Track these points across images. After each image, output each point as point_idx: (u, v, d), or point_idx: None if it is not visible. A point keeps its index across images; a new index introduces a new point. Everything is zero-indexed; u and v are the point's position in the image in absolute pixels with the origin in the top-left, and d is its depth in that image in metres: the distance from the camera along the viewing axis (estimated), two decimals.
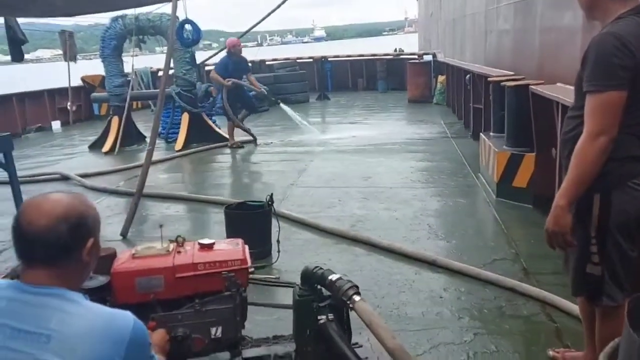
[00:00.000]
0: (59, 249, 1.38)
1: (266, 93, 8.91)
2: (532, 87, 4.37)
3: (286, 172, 7.11)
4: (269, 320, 3.01)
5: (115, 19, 8.66)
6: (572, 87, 3.87)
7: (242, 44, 8.75)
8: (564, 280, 3.33)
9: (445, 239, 4.22)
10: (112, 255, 2.33)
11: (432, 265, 3.69)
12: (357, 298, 2.12)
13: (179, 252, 2.26)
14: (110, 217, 5.23)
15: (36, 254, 1.38)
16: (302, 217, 4.76)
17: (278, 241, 3.82)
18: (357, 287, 2.18)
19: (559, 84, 4.30)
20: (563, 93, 3.84)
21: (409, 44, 26.89)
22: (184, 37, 6.77)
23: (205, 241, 2.32)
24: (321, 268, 2.31)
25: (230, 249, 2.33)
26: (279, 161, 7.90)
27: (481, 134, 6.10)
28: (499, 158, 4.98)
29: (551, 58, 4.97)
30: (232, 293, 2.21)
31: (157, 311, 2.16)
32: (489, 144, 5.42)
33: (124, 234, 4.59)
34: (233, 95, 8.45)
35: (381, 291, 3.35)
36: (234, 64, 8.44)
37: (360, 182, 6.08)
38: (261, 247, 3.88)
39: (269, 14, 11.77)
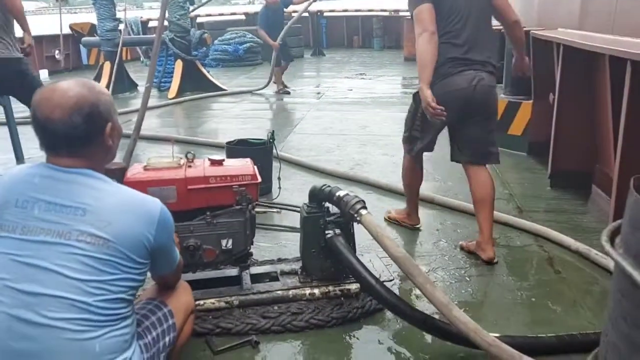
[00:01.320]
0: (80, 138, 1.43)
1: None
2: (533, 31, 4.38)
3: (283, 121, 7.12)
4: (273, 247, 3.10)
5: None
6: (574, 31, 3.90)
7: (233, 1, 8.59)
8: (557, 217, 3.49)
9: (442, 181, 4.30)
10: (124, 169, 2.38)
11: (430, 203, 3.78)
12: (364, 212, 2.20)
13: (189, 166, 2.30)
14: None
15: (59, 144, 1.43)
16: (302, 159, 4.81)
17: (279, 178, 3.88)
18: (363, 201, 2.25)
19: (559, 29, 4.31)
20: (563, 35, 3.87)
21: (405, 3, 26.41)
22: None
23: (216, 157, 2.37)
24: (329, 186, 2.38)
25: (240, 164, 2.38)
26: (276, 110, 7.90)
27: None
28: None
29: (550, 10, 4.97)
30: (242, 207, 2.27)
31: None
32: None
33: None
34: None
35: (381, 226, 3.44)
36: (273, 14, 8.37)
37: (357, 130, 6.11)
38: (262, 184, 3.92)
39: None
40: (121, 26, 9.49)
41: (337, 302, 2.35)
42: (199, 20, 15.86)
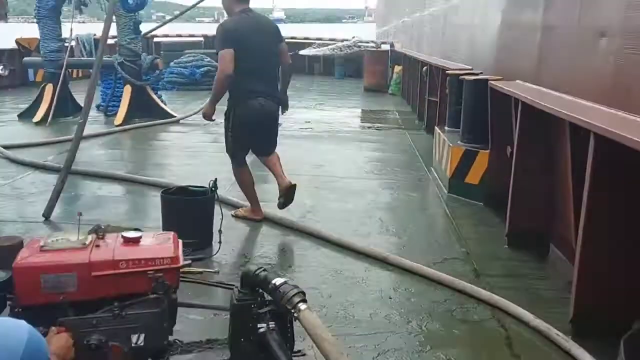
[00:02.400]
0: None
1: None
2: (492, 82, 4.26)
3: None
4: (203, 321, 2.73)
5: None
6: (533, 85, 3.78)
7: (197, 19, 8.43)
8: (515, 284, 3.29)
9: (397, 235, 4.06)
10: (18, 246, 1.99)
11: (383, 262, 3.52)
12: (302, 306, 1.89)
13: (97, 245, 1.94)
14: (34, 194, 4.75)
15: None
16: (248, 204, 4.47)
17: (220, 231, 3.52)
18: (303, 293, 1.94)
19: (518, 81, 4.20)
20: (523, 90, 3.74)
21: (367, 32, 26.78)
22: (127, 1, 6.22)
23: (130, 234, 2.01)
24: (264, 270, 2.06)
25: (158, 244, 2.03)
26: None
27: (436, 127, 6.00)
28: (453, 153, 4.87)
29: (508, 55, 4.90)
30: (158, 296, 1.92)
31: (67, 314, 1.84)
32: (443, 137, 5.31)
33: (46, 215, 4.12)
34: None
35: (328, 289, 3.14)
36: None
37: (312, 169, 5.84)
38: (201, 237, 3.56)
39: None
40: (72, 42, 8.99)
41: None
42: (155, 40, 15.42)
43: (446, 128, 5.60)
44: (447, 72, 5.89)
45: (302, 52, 13.37)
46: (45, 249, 1.88)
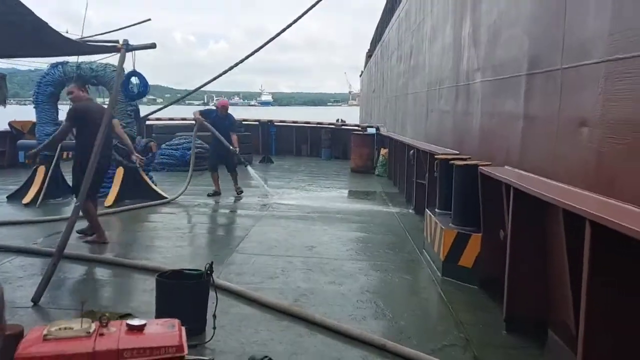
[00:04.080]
0: None
1: (237, 153, 9.34)
2: (482, 168, 4.42)
3: (226, 237, 6.79)
4: None
5: (55, 65, 8.23)
6: (522, 171, 3.93)
7: (187, 102, 9.09)
8: None
9: (393, 320, 4.00)
10: (19, 335, 1.94)
11: (381, 349, 3.44)
12: None
13: (101, 334, 1.91)
14: (22, 278, 4.63)
15: None
16: (243, 289, 4.42)
17: (214, 316, 3.46)
18: None
19: (507, 167, 4.38)
20: (513, 176, 3.88)
21: (351, 115, 27.83)
22: (129, 89, 6.48)
23: (135, 322, 1.99)
24: (267, 357, 2.02)
25: (164, 332, 2.00)
26: (219, 224, 7.56)
27: (426, 209, 6.10)
28: (446, 236, 4.93)
29: (493, 141, 5.12)
30: None
31: None
32: (435, 220, 5.39)
33: (35, 300, 4.01)
34: (217, 150, 9.29)
35: None
36: (219, 119, 9.23)
37: (304, 251, 5.83)
38: (195, 323, 3.49)
39: (218, 76, 11.70)
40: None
41: None
42: (148, 123, 15.78)
43: (437, 210, 5.71)
44: (435, 156, 6.10)
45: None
46: (48, 338, 1.84)
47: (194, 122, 16.28)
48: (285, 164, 14.96)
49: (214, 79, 11.68)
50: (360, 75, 30.36)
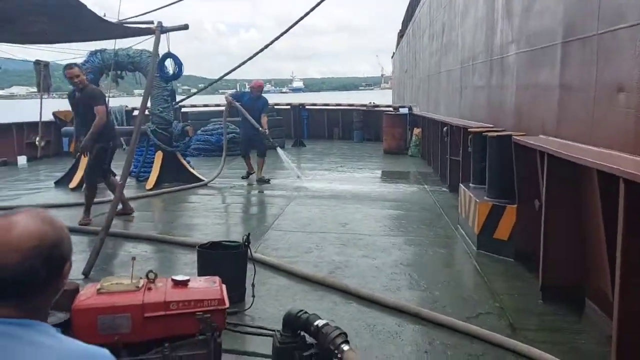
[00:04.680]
0: (34, 286, 1.16)
1: (267, 134, 9.05)
2: (516, 137, 4.38)
3: (261, 215, 6.93)
4: None
5: (94, 53, 8.52)
6: (556, 139, 3.88)
7: (221, 91, 9.07)
8: (553, 338, 3.24)
9: (428, 290, 4.05)
10: (75, 291, 2.09)
11: (415, 317, 3.50)
12: (345, 347, 1.93)
13: (149, 288, 2.04)
14: (73, 254, 4.88)
15: (7, 294, 1.15)
16: (279, 261, 4.55)
17: (253, 285, 3.60)
18: (345, 334, 1.99)
19: (541, 136, 4.32)
20: (547, 143, 3.84)
21: (384, 99, 27.58)
22: (164, 71, 6.66)
23: (180, 277, 2.11)
24: (306, 312, 2.12)
25: (206, 287, 2.12)
26: (254, 203, 7.72)
27: (461, 184, 6.08)
28: (480, 209, 4.92)
29: (528, 112, 5.05)
30: (206, 337, 1.98)
31: (121, 356, 1.91)
32: (469, 194, 5.38)
33: (86, 273, 4.26)
34: (247, 135, 9.04)
35: (363, 343, 3.14)
36: (251, 101, 8.95)
37: (337, 227, 5.92)
38: (235, 291, 3.63)
39: (240, 65, 11.87)
40: None
41: None
42: (183, 110, 16.11)
43: (471, 185, 5.68)
44: (469, 129, 6.05)
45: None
46: (101, 292, 1.98)
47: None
48: (318, 147, 15.03)
49: (238, 67, 11.75)
50: (392, 57, 29.97)
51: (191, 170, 9.08)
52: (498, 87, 6.26)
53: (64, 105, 14.24)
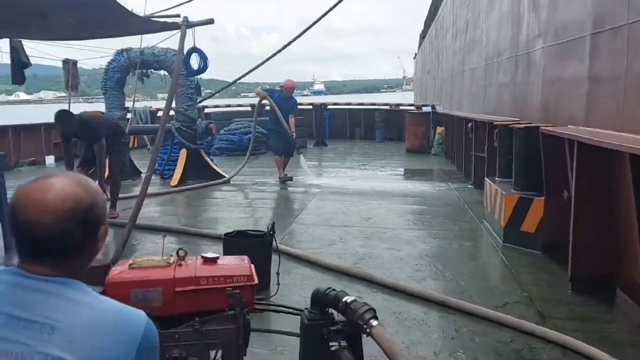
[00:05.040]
0: (72, 248, 1.19)
1: (293, 137, 8.84)
2: (543, 127, 4.31)
3: (284, 210, 6.96)
4: (269, 355, 2.78)
5: (120, 52, 8.69)
6: (585, 128, 3.80)
7: (242, 94, 8.99)
8: (583, 327, 3.17)
9: (453, 280, 4.01)
10: (107, 267, 2.14)
11: (441, 305, 3.47)
12: (374, 322, 1.93)
13: (180, 264, 2.07)
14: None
15: (42, 253, 1.18)
16: (303, 252, 4.56)
17: (278, 273, 3.60)
18: (374, 310, 1.98)
19: (570, 126, 4.25)
20: (576, 131, 3.77)
21: (405, 100, 27.40)
22: (190, 65, 6.75)
23: (209, 255, 2.14)
24: (334, 290, 2.12)
25: (235, 264, 2.15)
26: (277, 199, 7.76)
27: (486, 178, 6.01)
28: (507, 201, 4.85)
29: (555, 107, 4.97)
30: (235, 312, 2.00)
31: None
32: (495, 187, 5.31)
33: (114, 261, 4.31)
34: (280, 133, 8.67)
35: (389, 329, 3.10)
36: (282, 100, 8.64)
37: (360, 222, 5.91)
38: (260, 279, 3.64)
39: (262, 63, 11.99)
40: (129, 115, 9.69)
41: None
42: (206, 110, 16.31)
43: (497, 179, 5.62)
44: (495, 123, 5.98)
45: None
46: (134, 267, 2.02)
47: (249, 108, 16.86)
48: (339, 146, 15.03)
49: (255, 68, 11.82)
50: (414, 58, 29.82)
51: (214, 167, 9.17)
52: (523, 82, 6.18)
53: (90, 108, 14.58)
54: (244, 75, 13.02)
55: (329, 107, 17.22)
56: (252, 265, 2.18)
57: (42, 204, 1.16)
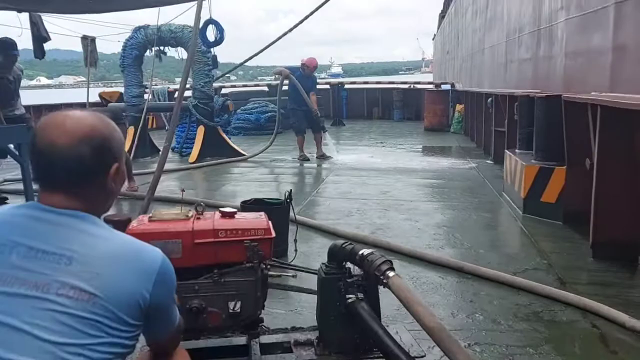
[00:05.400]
0: (81, 173, 1.22)
1: (318, 115, 8.76)
2: (566, 95, 4.22)
3: (302, 185, 6.98)
4: (287, 314, 2.81)
5: (137, 29, 8.72)
6: (609, 93, 3.70)
7: (259, 77, 8.89)
8: (603, 291, 3.13)
9: (472, 248, 3.99)
10: (128, 221, 2.17)
11: (459, 271, 3.46)
12: (391, 273, 1.92)
13: (198, 218, 2.08)
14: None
15: (57, 177, 1.22)
16: (320, 223, 4.58)
17: (295, 240, 3.61)
18: (390, 262, 1.98)
19: (593, 93, 4.14)
20: (600, 96, 3.68)
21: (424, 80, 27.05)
22: (206, 37, 6.73)
23: (227, 209, 2.15)
24: (351, 243, 2.12)
25: (253, 218, 2.16)
26: (295, 174, 7.77)
27: (506, 151, 5.93)
28: (527, 172, 4.78)
29: (578, 79, 4.83)
30: (253, 265, 2.02)
31: None
32: (515, 159, 5.23)
33: None
34: (302, 111, 8.62)
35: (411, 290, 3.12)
36: (301, 76, 8.57)
37: (378, 195, 5.89)
38: (277, 247, 3.67)
39: (274, 41, 11.92)
40: (146, 95, 9.74)
41: None
42: (223, 91, 16.34)
43: (517, 151, 5.53)
44: (515, 94, 5.87)
45: None
46: (153, 220, 2.04)
47: (266, 88, 16.83)
48: (357, 126, 14.95)
49: (265, 48, 11.69)
50: (433, 39, 29.32)
51: (232, 145, 9.22)
52: (546, 57, 6.02)
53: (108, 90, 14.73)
54: (257, 54, 12.88)
55: (346, 86, 17.09)
56: (270, 221, 2.18)
57: (61, 126, 1.21)
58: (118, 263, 1.19)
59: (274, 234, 2.09)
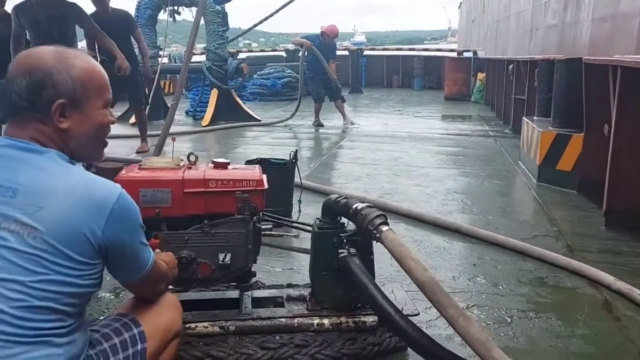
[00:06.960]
0: (20, 105, 1.22)
1: (337, 84, 8.59)
2: (587, 57, 4.02)
3: (314, 149, 6.91)
4: (285, 272, 2.79)
5: None
6: (633, 56, 3.52)
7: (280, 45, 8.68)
8: (613, 259, 3.03)
9: (481, 214, 3.90)
10: (119, 169, 2.14)
11: (465, 235, 3.38)
12: (384, 227, 1.86)
13: (190, 167, 2.04)
14: None
15: (6, 108, 1.24)
16: (326, 187, 4.51)
17: (300, 201, 3.58)
18: (385, 216, 1.92)
19: (616, 56, 3.94)
20: (621, 57, 3.49)
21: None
22: None
23: (220, 160, 2.10)
24: (345, 197, 2.06)
25: (245, 169, 2.12)
26: (308, 139, 7.70)
27: (524, 117, 5.75)
28: (543, 138, 4.63)
29: (605, 45, 4.60)
30: (244, 217, 1.97)
31: (161, 229, 1.94)
32: (532, 125, 5.07)
33: None
34: (320, 78, 8.43)
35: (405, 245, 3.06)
36: (321, 44, 8.35)
37: (390, 160, 5.80)
38: (281, 207, 3.64)
39: (270, 16, 11.76)
40: (164, 59, 9.67)
41: (350, 336, 1.98)
42: (240, 56, 16.17)
43: (535, 118, 5.36)
44: (536, 59, 5.65)
45: None
46: (143, 167, 2.01)
47: (283, 53, 16.58)
48: (375, 94, 14.71)
49: (277, 11, 11.47)
50: (459, 7, 28.42)
51: (246, 109, 9.14)
52: (572, 23, 5.75)
53: None
54: (266, 19, 12.72)
55: (365, 52, 16.74)
56: (264, 174, 2.13)
57: (17, 60, 1.26)
58: (65, 197, 1.15)
59: (266, 186, 2.04)
